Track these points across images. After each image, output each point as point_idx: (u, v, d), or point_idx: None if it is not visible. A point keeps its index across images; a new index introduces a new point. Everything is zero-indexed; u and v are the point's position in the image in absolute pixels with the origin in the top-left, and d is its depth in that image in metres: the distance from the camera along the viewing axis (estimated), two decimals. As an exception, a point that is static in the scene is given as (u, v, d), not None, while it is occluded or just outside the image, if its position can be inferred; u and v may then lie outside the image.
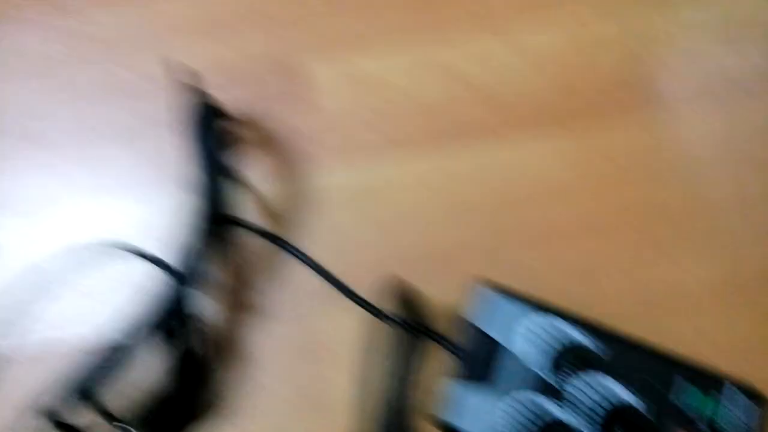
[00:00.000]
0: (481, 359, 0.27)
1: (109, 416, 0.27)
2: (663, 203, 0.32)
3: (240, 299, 0.31)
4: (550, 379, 0.27)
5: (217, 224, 0.29)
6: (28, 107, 0.34)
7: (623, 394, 0.26)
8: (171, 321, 0.28)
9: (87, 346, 0.31)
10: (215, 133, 0.31)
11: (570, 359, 0.27)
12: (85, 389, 0.26)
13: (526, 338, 0.27)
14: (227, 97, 0.34)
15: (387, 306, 0.29)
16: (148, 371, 0.28)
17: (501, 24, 0.35)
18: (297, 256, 0.31)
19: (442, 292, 0.31)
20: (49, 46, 0.35)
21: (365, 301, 0.30)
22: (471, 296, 0.29)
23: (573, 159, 0.33)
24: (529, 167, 0.33)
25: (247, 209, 0.32)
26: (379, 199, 0.33)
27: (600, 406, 0.26)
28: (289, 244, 0.31)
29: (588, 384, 0.26)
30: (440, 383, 0.29)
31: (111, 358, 0.27)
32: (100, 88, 0.35)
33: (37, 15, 0.36)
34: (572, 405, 0.26)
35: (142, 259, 0.30)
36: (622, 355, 0.27)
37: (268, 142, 0.34)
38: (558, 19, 0.35)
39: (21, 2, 0.36)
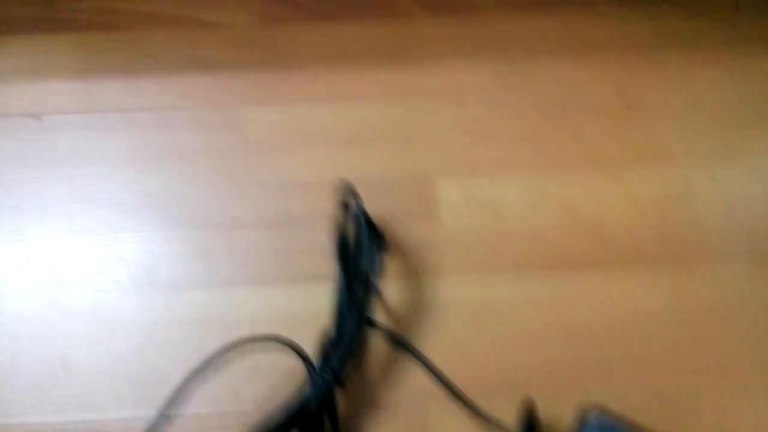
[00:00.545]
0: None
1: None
2: (757, 343, 0.35)
3: (363, 394, 0.34)
4: None
5: (357, 323, 0.32)
6: (177, 192, 0.38)
7: None
8: (309, 412, 0.30)
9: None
10: (360, 234, 0.34)
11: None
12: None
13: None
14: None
15: (502, 417, 0.32)
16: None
17: (614, 169, 0.40)
18: (419, 360, 0.33)
19: (550, 410, 0.33)
20: (202, 140, 0.39)
21: (483, 412, 0.32)
22: (582, 418, 0.31)
23: (666, 294, 0.37)
24: (627, 297, 0.36)
25: (373, 310, 0.35)
26: (493, 313, 0.36)
27: None
28: (412, 347, 0.33)
29: None
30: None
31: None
32: (246, 181, 0.38)
33: (195, 110, 0.40)
34: None
35: (288, 348, 0.32)
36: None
37: (395, 249, 0.37)
38: (663, 173, 0.40)
39: (186, 94, 0.40)
